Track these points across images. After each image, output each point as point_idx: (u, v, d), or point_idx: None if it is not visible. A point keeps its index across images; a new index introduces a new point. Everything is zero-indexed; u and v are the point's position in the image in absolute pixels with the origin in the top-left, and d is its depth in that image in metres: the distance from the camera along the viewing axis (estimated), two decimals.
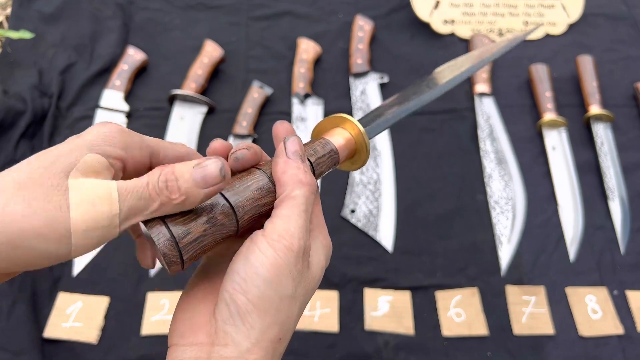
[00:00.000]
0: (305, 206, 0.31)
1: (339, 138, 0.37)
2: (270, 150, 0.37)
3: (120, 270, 0.76)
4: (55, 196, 0.25)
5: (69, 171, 0.26)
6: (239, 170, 0.33)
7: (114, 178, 0.28)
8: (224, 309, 0.28)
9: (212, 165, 0.28)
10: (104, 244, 0.29)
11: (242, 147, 0.33)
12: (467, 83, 0.97)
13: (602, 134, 0.89)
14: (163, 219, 0.28)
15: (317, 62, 1.00)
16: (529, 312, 0.73)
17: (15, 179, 0.25)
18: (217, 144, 0.33)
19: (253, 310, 0.28)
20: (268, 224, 0.30)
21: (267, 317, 0.28)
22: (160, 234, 0.28)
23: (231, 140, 0.86)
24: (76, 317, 0.71)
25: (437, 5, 1.06)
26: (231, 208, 0.31)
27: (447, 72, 0.49)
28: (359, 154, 0.39)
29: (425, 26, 1.05)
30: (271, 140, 0.37)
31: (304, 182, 0.31)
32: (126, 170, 0.30)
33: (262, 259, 0.28)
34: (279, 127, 0.36)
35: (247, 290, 0.28)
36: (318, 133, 0.39)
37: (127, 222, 0.27)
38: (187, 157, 0.32)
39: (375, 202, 0.83)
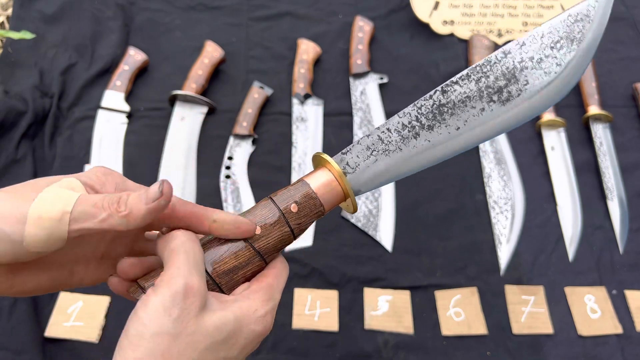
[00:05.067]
0: (184, 252, 0.32)
1: (317, 180, 0.37)
2: (271, 149, 0.37)
3: None
4: (29, 194, 0.31)
5: (49, 184, 0.32)
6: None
7: None
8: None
9: (152, 187, 0.32)
10: (55, 247, 0.31)
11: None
12: None
13: (601, 134, 0.89)
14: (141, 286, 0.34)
15: (317, 62, 1.00)
16: (528, 312, 0.74)
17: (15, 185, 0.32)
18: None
19: (128, 345, 0.30)
20: None
21: (137, 350, 0.29)
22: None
23: (231, 140, 0.86)
24: (77, 316, 0.71)
25: (436, 6, 1.06)
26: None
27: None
28: (347, 195, 0.38)
29: (425, 27, 1.06)
30: (271, 140, 0.38)
31: (180, 235, 0.33)
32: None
33: (141, 303, 0.31)
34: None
35: (126, 327, 0.31)
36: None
37: (78, 223, 0.31)
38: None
39: (375, 202, 0.83)
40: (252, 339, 0.33)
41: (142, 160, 0.87)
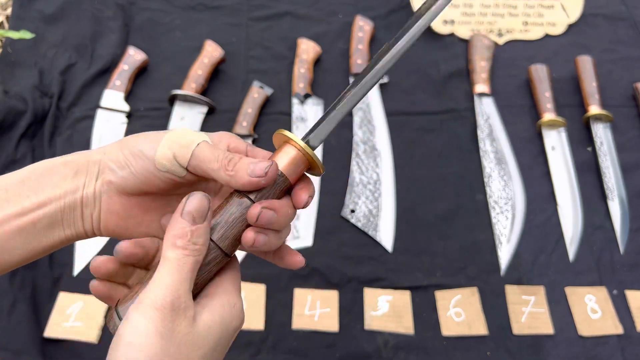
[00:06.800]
0: (179, 267, 0.31)
1: (284, 158, 0.36)
2: (271, 149, 0.37)
3: None
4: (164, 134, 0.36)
5: None
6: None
7: None
8: None
9: (261, 164, 0.34)
10: (176, 171, 0.35)
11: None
12: (467, 83, 0.97)
13: (602, 134, 0.89)
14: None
15: (317, 62, 1.00)
16: (529, 312, 0.73)
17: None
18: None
19: None
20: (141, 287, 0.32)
21: None
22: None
23: None
24: (77, 316, 0.71)
25: None
26: None
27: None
28: (312, 166, 0.37)
29: None
30: (271, 140, 0.37)
31: (179, 246, 0.32)
32: None
33: (127, 326, 0.30)
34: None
35: (113, 354, 0.30)
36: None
37: (196, 160, 0.34)
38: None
39: (375, 202, 0.83)
40: (233, 335, 0.34)
41: None
